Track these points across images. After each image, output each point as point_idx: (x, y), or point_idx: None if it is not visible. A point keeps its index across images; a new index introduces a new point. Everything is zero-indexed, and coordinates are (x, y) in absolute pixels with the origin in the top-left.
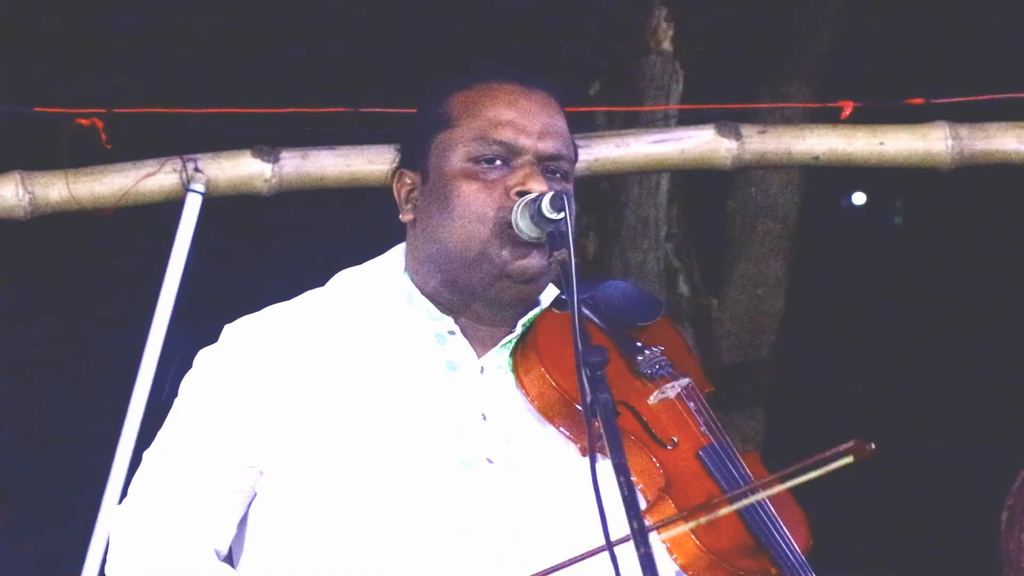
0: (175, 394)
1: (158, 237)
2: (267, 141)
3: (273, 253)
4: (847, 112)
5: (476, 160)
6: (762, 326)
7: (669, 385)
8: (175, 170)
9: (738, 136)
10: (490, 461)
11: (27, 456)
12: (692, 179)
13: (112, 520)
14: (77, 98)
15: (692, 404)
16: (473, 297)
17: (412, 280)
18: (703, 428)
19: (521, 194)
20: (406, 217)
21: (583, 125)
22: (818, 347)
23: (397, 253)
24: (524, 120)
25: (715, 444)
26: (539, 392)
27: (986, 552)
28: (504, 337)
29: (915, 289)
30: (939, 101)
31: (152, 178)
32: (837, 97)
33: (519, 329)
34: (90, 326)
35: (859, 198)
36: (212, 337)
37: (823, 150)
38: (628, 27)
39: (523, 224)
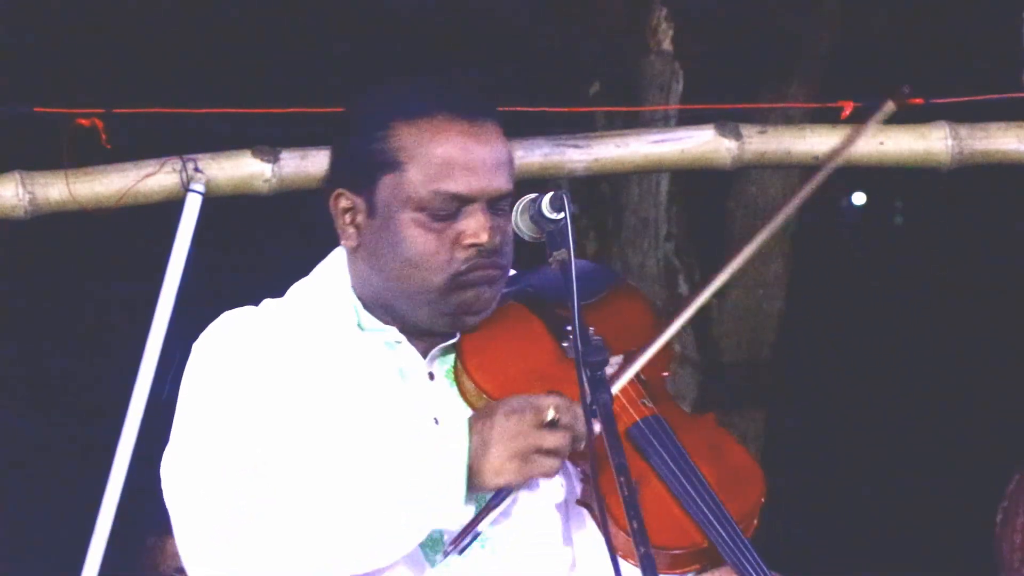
0: (175, 394)
1: (158, 237)
2: (267, 141)
3: (273, 253)
4: (847, 112)
5: (427, 211)
6: (762, 326)
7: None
8: (175, 170)
9: (738, 136)
10: None
11: (27, 456)
12: (692, 179)
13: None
14: (77, 98)
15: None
16: (420, 328)
17: (358, 297)
18: (639, 403)
19: (474, 245)
20: (348, 243)
21: (583, 125)
22: (818, 347)
23: (340, 267)
24: (476, 165)
25: (642, 421)
26: (465, 392)
27: (984, 552)
28: (445, 342)
29: (915, 289)
30: (939, 101)
31: (152, 178)
32: (837, 97)
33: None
34: (90, 326)
35: (859, 198)
36: None
37: (823, 150)
38: (628, 27)
39: (523, 224)
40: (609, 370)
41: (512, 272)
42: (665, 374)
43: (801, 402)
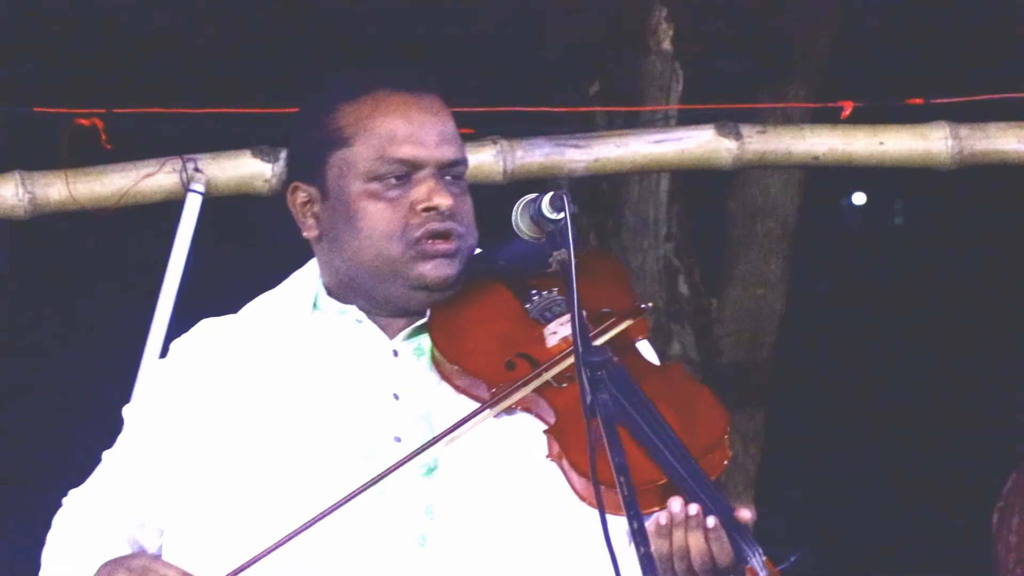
0: None
1: (158, 237)
2: (267, 141)
3: (273, 253)
4: (847, 112)
5: (377, 179)
6: (762, 326)
7: (559, 323)
8: (175, 170)
9: (738, 136)
10: (398, 440)
11: (25, 456)
12: (692, 179)
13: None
14: (77, 98)
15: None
16: (385, 301)
17: (325, 287)
18: None
19: (427, 210)
20: (310, 234)
21: (583, 125)
22: (818, 347)
23: (312, 268)
24: (420, 132)
25: None
26: (442, 371)
27: (981, 553)
28: (415, 320)
29: (915, 289)
30: (939, 101)
31: (152, 178)
32: (837, 97)
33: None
34: (90, 326)
35: (859, 198)
36: None
37: (823, 150)
38: (628, 27)
39: (523, 224)
40: (567, 328)
41: (479, 251)
42: (640, 337)
43: (801, 402)
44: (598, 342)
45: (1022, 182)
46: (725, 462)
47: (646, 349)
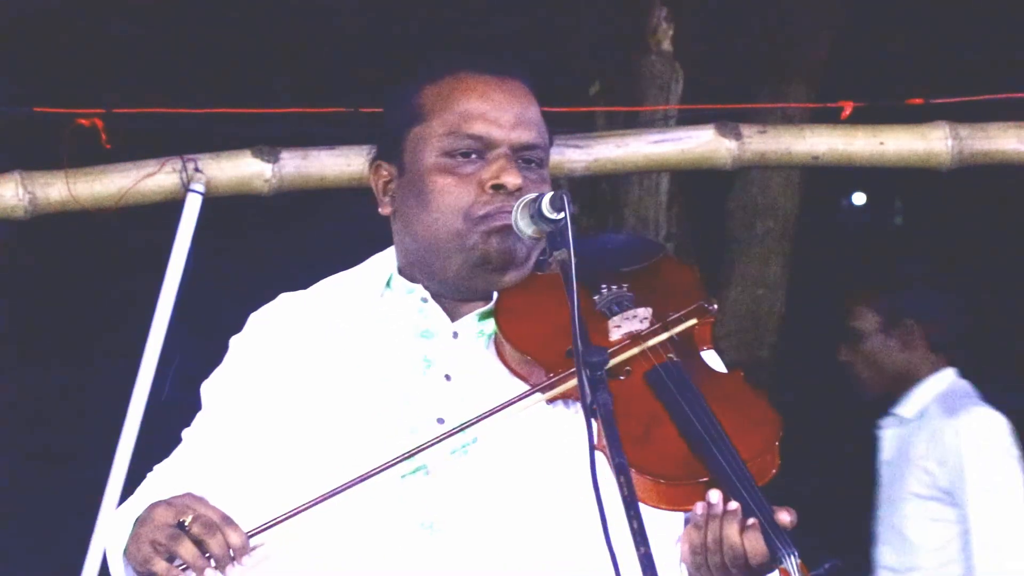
0: (175, 394)
1: (158, 237)
2: (267, 141)
3: (273, 253)
4: (847, 112)
5: (449, 154)
6: (762, 326)
7: (624, 317)
8: (175, 170)
9: (738, 136)
10: (440, 421)
11: (26, 456)
12: (692, 179)
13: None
14: (77, 98)
15: (657, 332)
16: (453, 281)
17: (398, 267)
18: (662, 353)
19: (496, 187)
20: (385, 210)
21: (583, 125)
22: (818, 347)
23: (392, 248)
24: (496, 112)
25: (660, 365)
26: (503, 355)
27: None
28: (480, 308)
29: None
30: (939, 101)
31: (152, 178)
32: (837, 97)
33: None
34: (90, 326)
35: (859, 198)
36: (212, 337)
37: (823, 150)
38: (628, 27)
39: (523, 224)
40: (633, 323)
41: None
42: (706, 347)
43: (801, 402)
44: (661, 337)
45: (1022, 182)
46: (774, 469)
47: (712, 358)
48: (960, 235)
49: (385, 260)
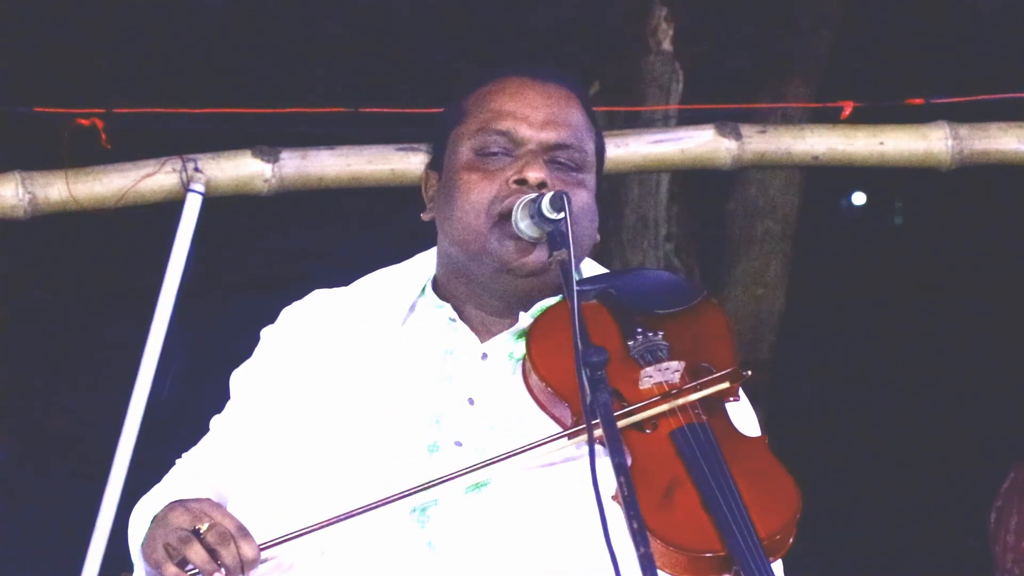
0: (175, 393)
1: (158, 237)
2: (267, 141)
3: (273, 253)
4: (847, 112)
5: (479, 152)
6: (762, 326)
7: (657, 368)
8: (175, 170)
9: (738, 136)
10: (459, 444)
11: (27, 455)
12: (692, 179)
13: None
14: (77, 98)
15: (689, 392)
16: (481, 288)
17: (435, 276)
18: (690, 410)
19: (519, 183)
20: (427, 216)
21: None
22: (818, 347)
23: (433, 251)
24: (527, 110)
25: (687, 426)
26: (528, 382)
27: (978, 552)
28: (512, 326)
29: (915, 289)
30: (939, 101)
31: (152, 178)
32: (837, 97)
33: (523, 319)
34: (90, 326)
35: (859, 198)
36: (213, 336)
37: (823, 150)
38: (628, 27)
39: (523, 224)
40: (664, 375)
41: (603, 271)
42: (732, 399)
43: (801, 402)
44: (691, 398)
45: (1022, 182)
46: (789, 542)
47: (735, 410)
48: (960, 235)
49: (427, 262)
